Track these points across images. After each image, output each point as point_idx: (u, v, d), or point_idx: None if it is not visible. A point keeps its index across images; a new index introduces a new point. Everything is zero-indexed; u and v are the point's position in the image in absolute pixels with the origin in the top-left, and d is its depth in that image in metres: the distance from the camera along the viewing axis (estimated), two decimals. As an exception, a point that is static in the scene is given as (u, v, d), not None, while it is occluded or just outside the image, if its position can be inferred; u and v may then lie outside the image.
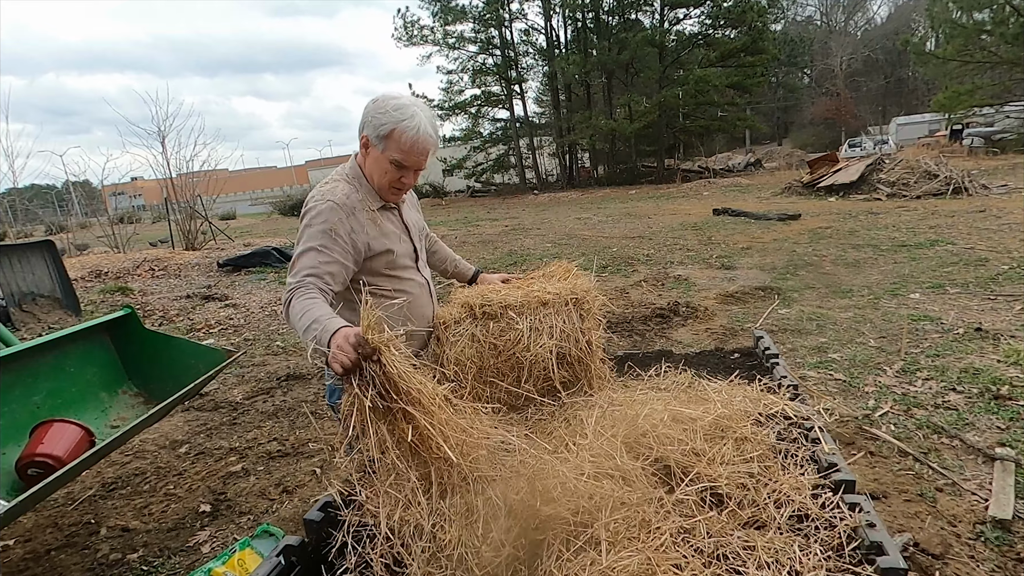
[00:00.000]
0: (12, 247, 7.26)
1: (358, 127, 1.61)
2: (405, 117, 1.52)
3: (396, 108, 1.53)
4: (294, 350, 5.56)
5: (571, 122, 30.03)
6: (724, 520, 1.12)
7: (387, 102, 1.54)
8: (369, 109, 1.56)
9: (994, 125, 24.80)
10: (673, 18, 29.04)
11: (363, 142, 1.60)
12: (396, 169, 1.59)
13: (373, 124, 1.55)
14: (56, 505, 3.07)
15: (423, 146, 1.56)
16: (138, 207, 44.47)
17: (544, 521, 1.07)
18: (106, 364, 3.22)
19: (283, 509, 2.86)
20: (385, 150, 1.56)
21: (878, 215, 10.67)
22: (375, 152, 1.58)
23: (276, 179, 70.66)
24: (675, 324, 5.25)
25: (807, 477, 1.22)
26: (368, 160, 1.62)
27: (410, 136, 1.53)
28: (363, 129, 1.58)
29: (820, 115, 43.50)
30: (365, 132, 1.58)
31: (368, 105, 1.58)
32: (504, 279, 1.99)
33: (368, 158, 1.62)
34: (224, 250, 12.70)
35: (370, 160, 1.61)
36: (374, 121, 1.54)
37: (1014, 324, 4.33)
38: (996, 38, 19.46)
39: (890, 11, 49.58)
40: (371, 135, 1.56)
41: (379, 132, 1.54)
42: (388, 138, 1.54)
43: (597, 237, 11.42)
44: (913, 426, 3.07)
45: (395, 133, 1.53)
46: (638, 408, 1.44)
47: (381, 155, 1.57)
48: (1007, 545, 2.16)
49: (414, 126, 1.52)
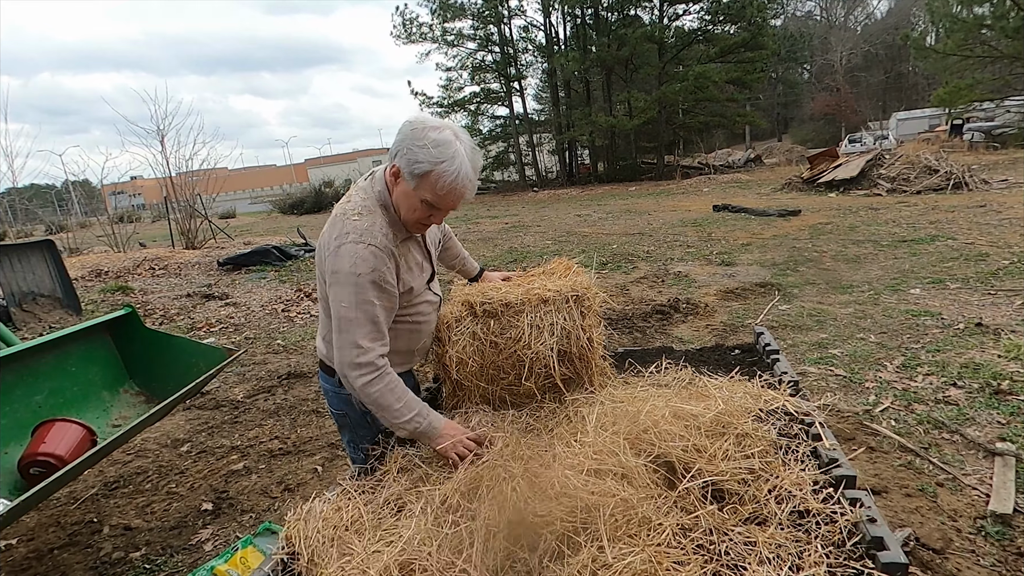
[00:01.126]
0: (12, 247, 7.26)
1: (393, 149, 1.43)
2: (445, 158, 1.36)
3: (436, 144, 1.36)
4: (295, 348, 5.56)
5: (570, 119, 29.99)
6: (725, 516, 1.12)
7: (427, 134, 1.37)
8: (406, 136, 1.39)
9: (994, 120, 24.73)
10: (672, 14, 28.97)
11: (393, 171, 1.43)
12: (426, 208, 1.44)
13: (408, 159, 1.37)
14: (58, 504, 3.08)
15: (460, 192, 1.40)
16: (138, 206, 44.46)
17: (542, 520, 1.07)
18: (107, 363, 3.23)
19: (285, 507, 2.87)
20: (417, 188, 1.40)
21: (878, 211, 10.66)
22: (405, 187, 1.42)
23: (276, 177, 70.65)
24: (675, 321, 5.25)
25: (808, 473, 1.22)
26: (397, 191, 1.46)
27: (447, 182, 1.37)
28: (395, 157, 1.41)
29: (820, 111, 43.41)
30: (397, 163, 1.40)
31: (404, 130, 1.40)
32: (505, 277, 1.99)
33: (397, 189, 1.45)
34: (224, 249, 12.70)
35: (399, 192, 1.45)
36: (410, 156, 1.37)
37: (1014, 319, 4.33)
38: (996, 32, 19.40)
39: (890, 6, 49.45)
40: (404, 169, 1.39)
41: (413, 170, 1.38)
42: (423, 178, 1.38)
43: (597, 234, 11.42)
44: (914, 421, 3.07)
45: (432, 176, 1.37)
46: (639, 405, 1.43)
47: (412, 192, 1.41)
48: (1008, 540, 2.17)
49: (454, 170, 1.36)
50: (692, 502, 1.15)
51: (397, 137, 1.42)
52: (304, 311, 7.02)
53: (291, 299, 7.61)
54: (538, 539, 1.07)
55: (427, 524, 1.17)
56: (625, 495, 1.10)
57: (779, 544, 1.03)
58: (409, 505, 1.26)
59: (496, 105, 33.17)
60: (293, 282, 8.72)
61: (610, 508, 1.07)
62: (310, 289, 7.98)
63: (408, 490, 1.33)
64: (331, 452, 3.40)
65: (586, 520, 1.07)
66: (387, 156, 1.48)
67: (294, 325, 6.48)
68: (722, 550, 1.03)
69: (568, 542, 1.05)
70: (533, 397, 1.68)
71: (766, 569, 0.97)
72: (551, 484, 1.13)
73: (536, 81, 35.84)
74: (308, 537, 1.16)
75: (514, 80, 31.75)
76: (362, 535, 1.15)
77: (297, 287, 8.23)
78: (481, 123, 33.31)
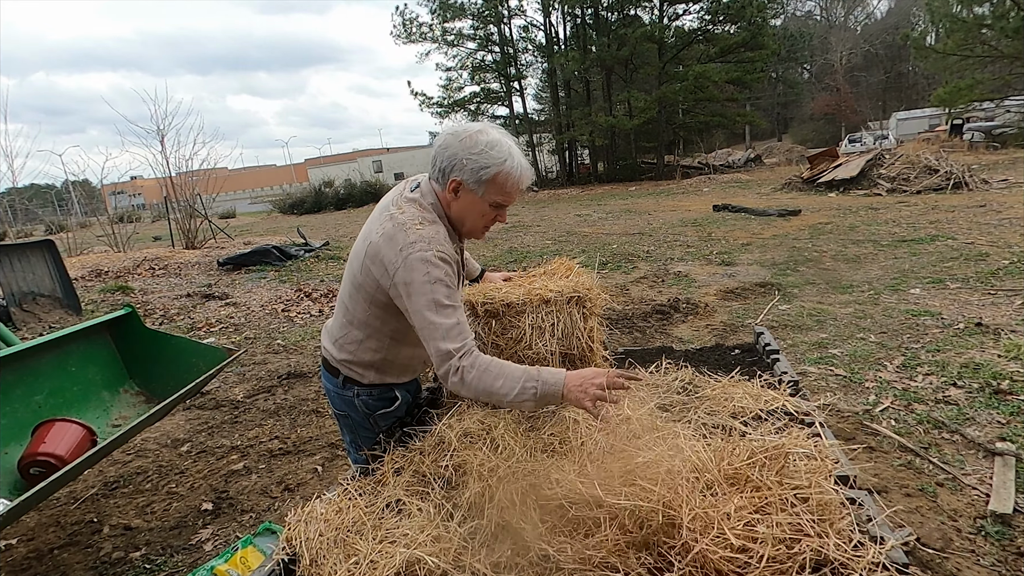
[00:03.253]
0: (12, 247, 7.26)
1: (439, 165, 1.47)
2: (505, 156, 1.42)
3: (490, 146, 1.42)
4: (295, 348, 5.56)
5: (570, 119, 29.98)
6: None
7: (477, 140, 1.42)
8: (456, 149, 1.44)
9: (994, 120, 24.72)
10: (672, 14, 28.95)
11: (452, 187, 1.46)
12: (494, 210, 1.50)
13: (471, 169, 1.42)
14: (58, 504, 3.08)
15: (524, 183, 1.48)
16: (138, 206, 44.46)
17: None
18: (107, 363, 3.23)
19: (285, 507, 2.87)
20: (486, 194, 1.45)
21: (878, 210, 10.66)
22: (471, 196, 1.46)
23: (276, 177, 70.64)
24: (676, 320, 5.25)
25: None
26: (459, 204, 1.49)
27: (515, 177, 1.45)
28: (451, 172, 1.44)
29: (820, 110, 43.42)
30: (457, 176, 1.44)
31: (451, 143, 1.45)
32: (506, 277, 1.99)
33: (458, 203, 1.49)
34: (224, 249, 12.70)
35: (463, 204, 1.49)
36: (471, 165, 1.42)
37: (1015, 319, 4.33)
38: (996, 32, 19.40)
39: (890, 6, 49.47)
40: (468, 180, 1.44)
41: (481, 177, 1.42)
42: (491, 182, 1.43)
43: (597, 234, 11.42)
44: (914, 421, 3.07)
45: (499, 177, 1.43)
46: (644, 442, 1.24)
47: (480, 199, 1.46)
48: (1008, 539, 2.17)
49: (516, 165, 1.44)
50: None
51: (443, 154, 1.45)
52: (304, 311, 7.02)
53: (291, 299, 7.61)
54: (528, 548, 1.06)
55: (431, 524, 1.17)
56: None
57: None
58: (410, 505, 1.26)
59: (496, 105, 33.20)
60: (293, 282, 8.72)
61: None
62: (310, 289, 7.98)
63: (409, 490, 1.33)
64: (331, 452, 3.40)
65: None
66: (434, 170, 1.50)
67: (294, 325, 6.48)
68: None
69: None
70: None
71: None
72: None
73: (536, 81, 35.92)
74: (309, 539, 1.16)
75: (514, 80, 31.76)
76: (365, 536, 1.15)
77: (297, 287, 8.23)
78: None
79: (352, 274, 1.57)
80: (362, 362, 1.64)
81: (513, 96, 32.28)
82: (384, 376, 1.67)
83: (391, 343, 1.61)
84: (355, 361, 1.64)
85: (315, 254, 11.27)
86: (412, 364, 1.72)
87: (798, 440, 1.17)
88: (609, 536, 1.02)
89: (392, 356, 1.64)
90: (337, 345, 1.67)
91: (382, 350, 1.61)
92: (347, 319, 1.62)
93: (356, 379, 1.66)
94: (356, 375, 1.66)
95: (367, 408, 1.68)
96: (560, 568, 1.02)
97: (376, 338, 1.60)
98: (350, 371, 1.66)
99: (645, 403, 1.56)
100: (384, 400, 1.69)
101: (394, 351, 1.63)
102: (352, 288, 1.57)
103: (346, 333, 1.63)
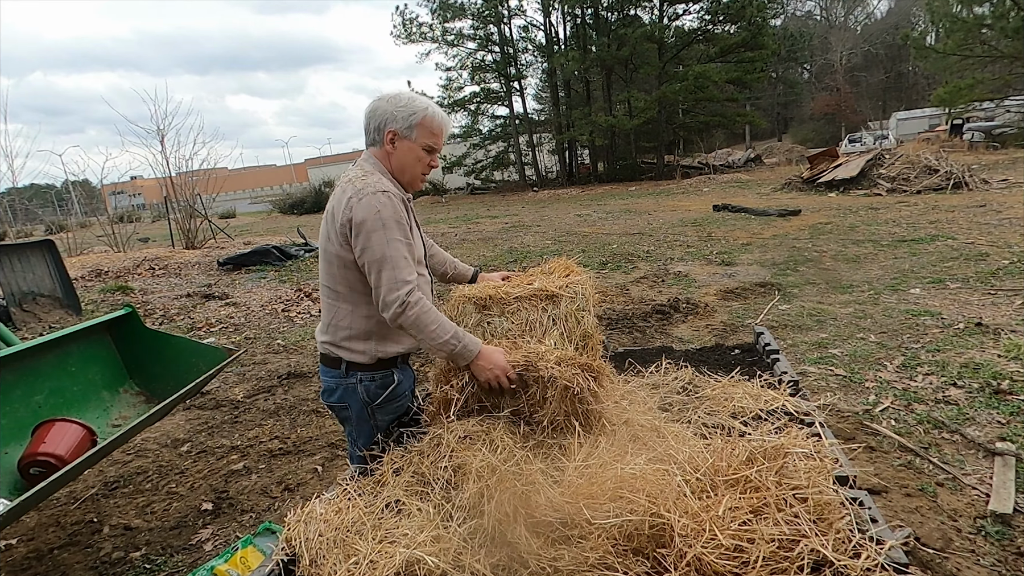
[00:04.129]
0: (12, 247, 7.26)
1: (372, 126, 1.67)
2: (427, 104, 1.66)
3: (411, 100, 1.64)
4: (295, 348, 5.56)
5: (570, 118, 29.97)
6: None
7: (400, 97, 1.65)
8: (384, 107, 1.65)
9: (994, 120, 24.73)
10: (672, 13, 28.95)
11: (389, 137, 1.66)
12: (428, 154, 1.69)
13: (400, 117, 1.63)
14: (58, 504, 3.08)
15: (447, 126, 1.71)
16: (138, 206, 44.45)
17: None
18: (107, 363, 3.23)
19: (285, 507, 2.87)
20: (418, 138, 1.65)
21: (878, 210, 10.66)
22: (406, 144, 1.66)
23: (276, 177, 70.60)
24: (675, 320, 5.25)
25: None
26: (398, 153, 1.68)
27: (439, 120, 1.67)
28: (386, 125, 1.65)
29: (820, 110, 43.41)
30: (391, 127, 1.65)
31: (379, 105, 1.66)
32: (504, 276, 1.99)
33: (397, 152, 1.68)
34: (224, 249, 12.70)
35: (400, 152, 1.68)
36: (399, 114, 1.63)
37: (1014, 319, 4.33)
38: (996, 32, 19.40)
39: (890, 6, 49.44)
40: (400, 127, 1.64)
41: (410, 122, 1.63)
42: (419, 126, 1.64)
43: (597, 234, 11.42)
44: (913, 421, 3.07)
45: (425, 120, 1.64)
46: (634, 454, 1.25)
47: (414, 144, 1.66)
48: (1007, 539, 2.16)
49: (437, 111, 1.67)
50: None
51: (374, 115, 1.66)
52: (304, 311, 7.02)
53: (291, 299, 7.61)
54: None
55: (430, 524, 1.17)
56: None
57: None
58: (410, 505, 1.26)
59: (496, 105, 33.18)
60: (293, 282, 8.72)
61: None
62: (310, 289, 7.98)
63: (408, 490, 1.33)
64: (331, 452, 3.40)
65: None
66: (368, 134, 1.70)
67: (294, 325, 6.48)
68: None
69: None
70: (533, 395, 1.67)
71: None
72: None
73: (536, 81, 35.89)
74: (309, 539, 1.16)
75: (514, 80, 31.75)
76: (365, 536, 1.15)
77: (297, 287, 8.23)
78: (481, 123, 33.35)
79: (323, 251, 1.68)
80: (360, 333, 1.68)
81: (513, 96, 32.30)
82: (384, 344, 1.71)
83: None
84: (353, 335, 1.68)
85: (315, 254, 11.27)
86: (403, 335, 1.74)
87: (797, 440, 1.17)
88: (600, 548, 1.02)
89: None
90: (332, 329, 1.70)
91: (374, 313, 1.65)
92: (332, 299, 1.69)
93: (358, 361, 1.69)
94: (358, 355, 1.69)
95: (368, 396, 1.71)
96: (559, 571, 1.03)
97: (364, 303, 1.66)
98: (351, 353, 1.69)
99: (646, 403, 1.56)
100: (384, 387, 1.72)
101: None
102: (326, 264, 1.68)
103: (335, 311, 1.69)
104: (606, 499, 1.07)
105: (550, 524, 1.10)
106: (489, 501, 1.18)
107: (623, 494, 1.06)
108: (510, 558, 1.08)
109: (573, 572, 1.01)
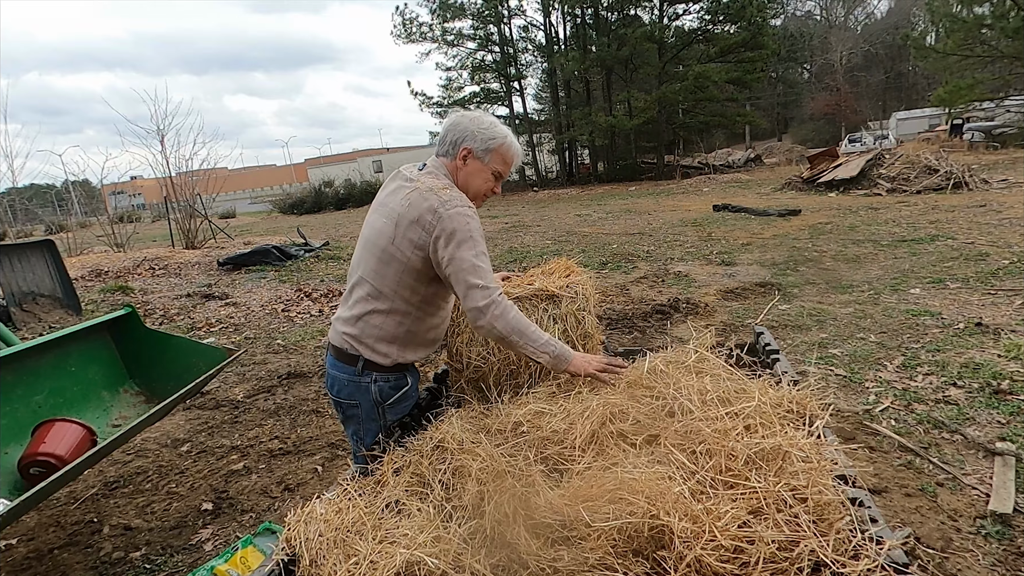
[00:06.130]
0: (12, 247, 7.25)
1: (450, 139, 1.71)
2: (507, 133, 1.72)
3: (493, 125, 1.71)
4: (295, 348, 5.56)
5: (570, 119, 29.97)
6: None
7: (483, 120, 1.71)
8: (466, 124, 1.70)
9: (994, 120, 24.73)
10: (672, 13, 28.95)
11: (463, 154, 1.70)
12: (494, 180, 1.74)
13: (479, 138, 1.68)
14: (58, 504, 3.08)
15: (520, 160, 1.78)
16: (138, 206, 44.42)
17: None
18: (107, 363, 3.23)
19: (285, 507, 2.87)
20: (490, 162, 1.71)
21: (878, 210, 10.66)
22: (477, 164, 1.71)
23: (276, 177, 70.56)
24: (675, 320, 5.26)
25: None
26: (467, 171, 1.72)
27: (514, 151, 1.74)
28: (463, 141, 1.69)
29: (820, 110, 43.38)
30: (468, 144, 1.69)
31: (461, 121, 1.71)
32: (505, 277, 1.99)
33: (466, 169, 1.72)
34: (224, 249, 12.70)
35: (470, 171, 1.72)
36: (480, 135, 1.68)
37: (1015, 319, 4.33)
38: (996, 32, 19.38)
39: (890, 5, 49.42)
40: (476, 148, 1.69)
41: (487, 146, 1.69)
42: (495, 152, 1.70)
43: (597, 234, 11.42)
44: (913, 421, 3.07)
45: (502, 148, 1.70)
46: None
47: (484, 167, 1.71)
48: (1008, 539, 2.17)
49: (514, 142, 1.74)
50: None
51: (454, 129, 1.70)
52: (304, 311, 7.02)
53: (291, 299, 7.61)
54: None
55: (431, 524, 1.17)
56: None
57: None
58: (410, 506, 1.26)
59: (496, 105, 33.15)
60: (293, 282, 8.72)
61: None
62: (310, 289, 7.98)
63: (409, 491, 1.33)
64: (331, 452, 3.40)
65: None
66: (443, 144, 1.73)
67: (294, 325, 6.48)
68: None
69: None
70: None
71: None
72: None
73: (536, 81, 35.89)
74: (309, 539, 1.16)
75: (514, 80, 31.75)
76: (365, 536, 1.14)
77: (297, 287, 8.23)
78: (481, 123, 33.30)
79: (379, 250, 1.65)
80: (388, 336, 1.69)
81: (513, 96, 32.31)
82: (405, 351, 1.72)
83: (417, 313, 1.70)
84: (382, 337, 1.69)
85: (315, 254, 11.27)
86: (433, 336, 1.79)
87: (797, 440, 1.17)
88: (600, 549, 1.02)
89: (416, 327, 1.72)
90: (361, 324, 1.69)
91: (407, 322, 1.68)
92: (371, 295, 1.68)
93: (377, 362, 1.70)
94: (380, 356, 1.69)
95: (380, 396, 1.72)
96: (559, 572, 1.03)
97: (403, 310, 1.68)
98: (373, 353, 1.69)
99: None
100: (397, 388, 1.74)
101: (419, 322, 1.72)
102: (378, 263, 1.66)
103: (370, 310, 1.68)
104: (605, 501, 1.07)
105: (550, 525, 1.10)
106: (489, 502, 1.18)
107: (622, 496, 1.06)
108: (510, 559, 1.08)
109: (573, 573, 1.01)
